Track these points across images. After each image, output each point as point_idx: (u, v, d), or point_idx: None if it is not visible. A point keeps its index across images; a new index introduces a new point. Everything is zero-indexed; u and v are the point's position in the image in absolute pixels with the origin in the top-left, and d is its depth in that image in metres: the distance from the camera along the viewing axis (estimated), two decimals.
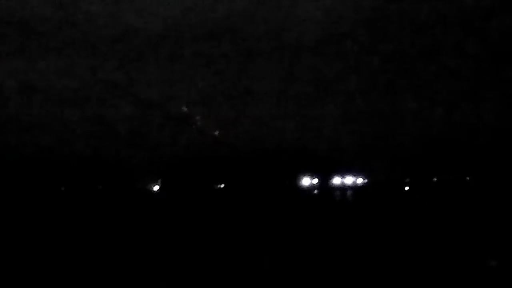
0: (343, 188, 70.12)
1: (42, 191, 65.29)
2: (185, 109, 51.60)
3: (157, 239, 23.84)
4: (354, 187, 69.83)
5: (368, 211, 39.26)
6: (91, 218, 36.03)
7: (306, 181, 70.20)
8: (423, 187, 64.73)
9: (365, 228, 27.03)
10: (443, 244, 20.30)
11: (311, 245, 21.16)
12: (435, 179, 71.81)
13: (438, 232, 24.25)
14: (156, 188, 70.85)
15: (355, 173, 75.43)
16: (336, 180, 72.21)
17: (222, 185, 70.29)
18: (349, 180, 72.46)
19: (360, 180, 73.13)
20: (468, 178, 69.54)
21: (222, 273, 15.62)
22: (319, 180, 70.88)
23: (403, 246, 20.08)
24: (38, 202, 52.79)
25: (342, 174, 75.12)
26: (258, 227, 28.54)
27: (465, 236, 22.38)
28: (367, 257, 17.85)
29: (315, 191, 66.56)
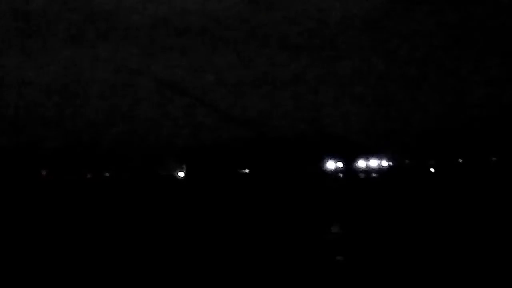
0: (367, 171, 70.27)
1: (67, 178, 65.93)
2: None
3: (183, 225, 24.08)
4: (379, 170, 69.88)
5: (394, 194, 39.27)
6: (118, 205, 36.49)
7: (330, 165, 70.42)
8: (449, 169, 64.49)
9: (391, 210, 27.08)
10: (472, 225, 20.31)
11: (338, 228, 21.24)
12: (460, 160, 71.61)
13: (466, 214, 24.23)
14: (181, 174, 71.35)
15: (380, 156, 75.55)
16: (361, 163, 72.42)
17: (247, 170, 70.67)
18: (373, 163, 72.63)
19: (384, 163, 73.25)
20: (494, 159, 69.30)
21: (248, 256, 15.79)
22: (343, 163, 71.04)
23: (431, 228, 20.12)
24: (64, 188, 53.36)
25: (367, 157, 75.30)
26: (283, 212, 28.67)
27: (492, 217, 22.37)
28: (393, 238, 17.93)
29: (340, 175, 66.74)
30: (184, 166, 71.68)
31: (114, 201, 41.19)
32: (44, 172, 65.28)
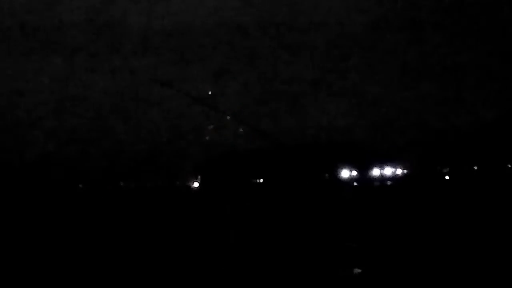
0: (382, 179, 69.74)
1: (86, 189, 66.17)
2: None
3: (197, 235, 24.09)
4: (394, 178, 69.39)
5: (409, 202, 39.05)
6: (132, 215, 36.56)
7: (345, 174, 70.01)
8: (464, 176, 64.10)
9: (406, 219, 26.96)
10: (488, 234, 20.20)
11: (353, 238, 21.19)
12: (475, 167, 71.06)
13: (482, 222, 24.07)
14: (195, 185, 71.26)
15: (394, 164, 75.00)
16: (375, 172, 71.81)
17: (261, 180, 70.42)
18: (388, 171, 72.01)
19: (399, 171, 72.59)
20: (509, 166, 68.72)
21: (263, 265, 15.74)
22: (358, 172, 70.59)
23: (446, 236, 20.04)
24: (79, 198, 53.57)
25: (381, 165, 74.71)
26: (298, 221, 28.60)
27: (509, 226, 22.25)
28: (409, 247, 17.88)
29: (355, 183, 66.34)
30: (199, 177, 71.54)
31: (128, 211, 41.26)
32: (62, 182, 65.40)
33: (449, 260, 16.07)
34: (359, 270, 15.45)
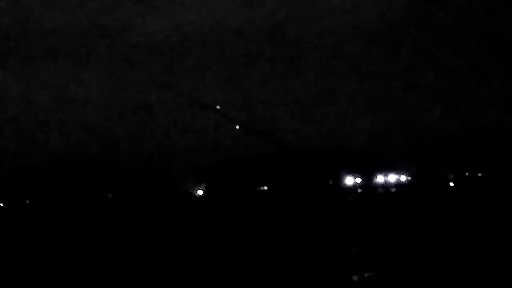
0: (386, 186, 69.56)
1: (87, 196, 66.14)
2: (218, 107, 52.13)
3: (202, 243, 24.13)
4: (398, 185, 69.24)
5: (414, 209, 39.02)
6: (137, 223, 36.55)
7: (349, 181, 69.86)
8: (468, 183, 64.00)
9: (411, 225, 26.95)
10: (492, 240, 20.21)
11: (358, 244, 21.20)
12: (479, 174, 70.87)
13: (485, 228, 24.04)
14: (200, 192, 71.14)
15: (398, 171, 74.75)
16: (379, 179, 71.63)
17: (265, 187, 70.27)
18: (392, 178, 71.82)
19: (403, 178, 72.41)
20: None
21: (268, 274, 15.77)
22: (362, 179, 70.42)
23: (450, 242, 20.05)
24: (85, 207, 53.56)
25: (385, 172, 74.46)
26: (302, 229, 28.61)
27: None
28: (413, 254, 17.90)
29: (359, 190, 66.21)
30: (203, 184, 71.25)
31: (131, 219, 41.25)
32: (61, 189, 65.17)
33: (452, 265, 16.10)
34: (361, 276, 15.49)
